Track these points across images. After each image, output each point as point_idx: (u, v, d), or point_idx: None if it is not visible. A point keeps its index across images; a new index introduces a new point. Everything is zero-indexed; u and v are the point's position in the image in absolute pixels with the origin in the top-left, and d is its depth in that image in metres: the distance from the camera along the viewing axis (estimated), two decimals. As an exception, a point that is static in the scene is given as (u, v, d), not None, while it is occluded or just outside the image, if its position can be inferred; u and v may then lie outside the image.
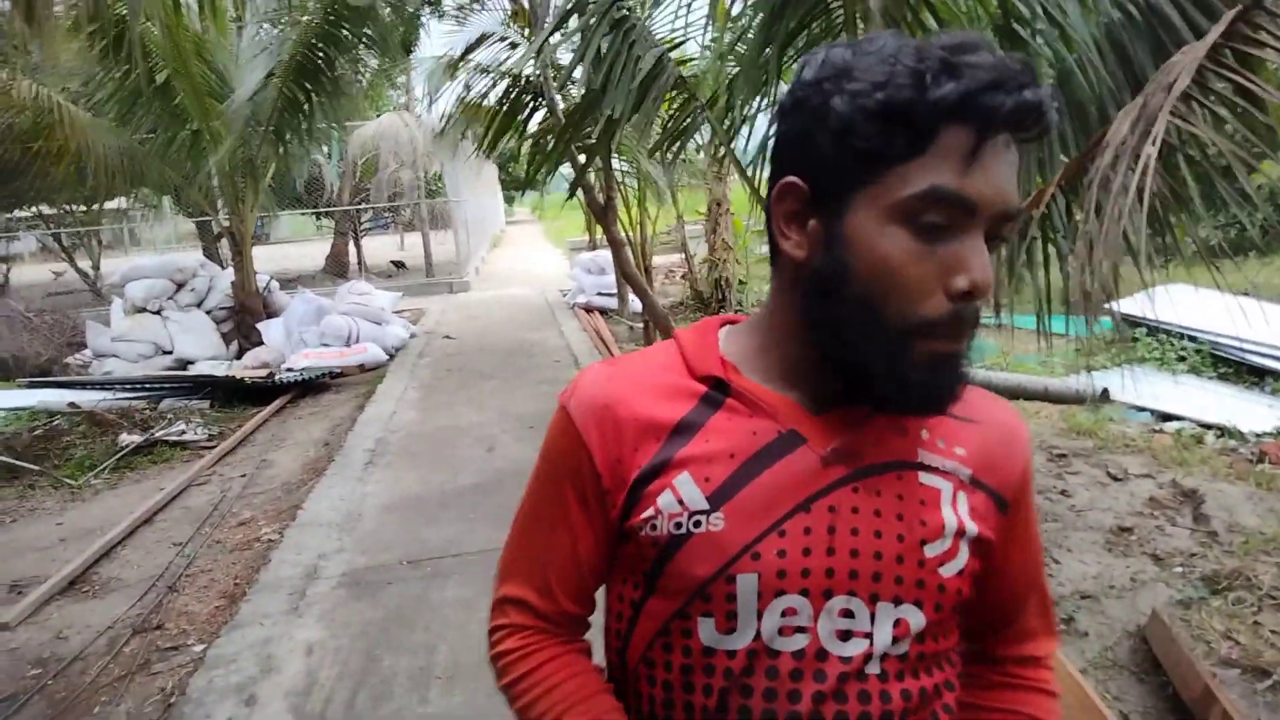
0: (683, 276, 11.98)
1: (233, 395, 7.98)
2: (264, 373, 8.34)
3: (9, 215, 17.70)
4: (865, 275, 0.74)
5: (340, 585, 3.91)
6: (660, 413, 0.84)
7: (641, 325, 9.96)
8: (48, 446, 6.47)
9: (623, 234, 7.37)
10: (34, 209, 17.70)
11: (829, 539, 0.80)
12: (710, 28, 4.33)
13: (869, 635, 0.80)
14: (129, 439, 6.54)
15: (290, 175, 12.67)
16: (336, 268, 18.73)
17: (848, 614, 0.80)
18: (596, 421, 0.85)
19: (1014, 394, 6.04)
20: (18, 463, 6.05)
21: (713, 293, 10.89)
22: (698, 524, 0.80)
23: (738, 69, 4.27)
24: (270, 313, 10.26)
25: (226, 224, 10.34)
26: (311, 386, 8.35)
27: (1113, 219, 2.42)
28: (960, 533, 0.83)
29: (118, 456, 6.24)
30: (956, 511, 0.83)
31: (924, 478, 0.83)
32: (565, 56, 4.37)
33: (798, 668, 0.79)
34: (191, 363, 9.51)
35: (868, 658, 0.80)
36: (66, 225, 17.30)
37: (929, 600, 0.81)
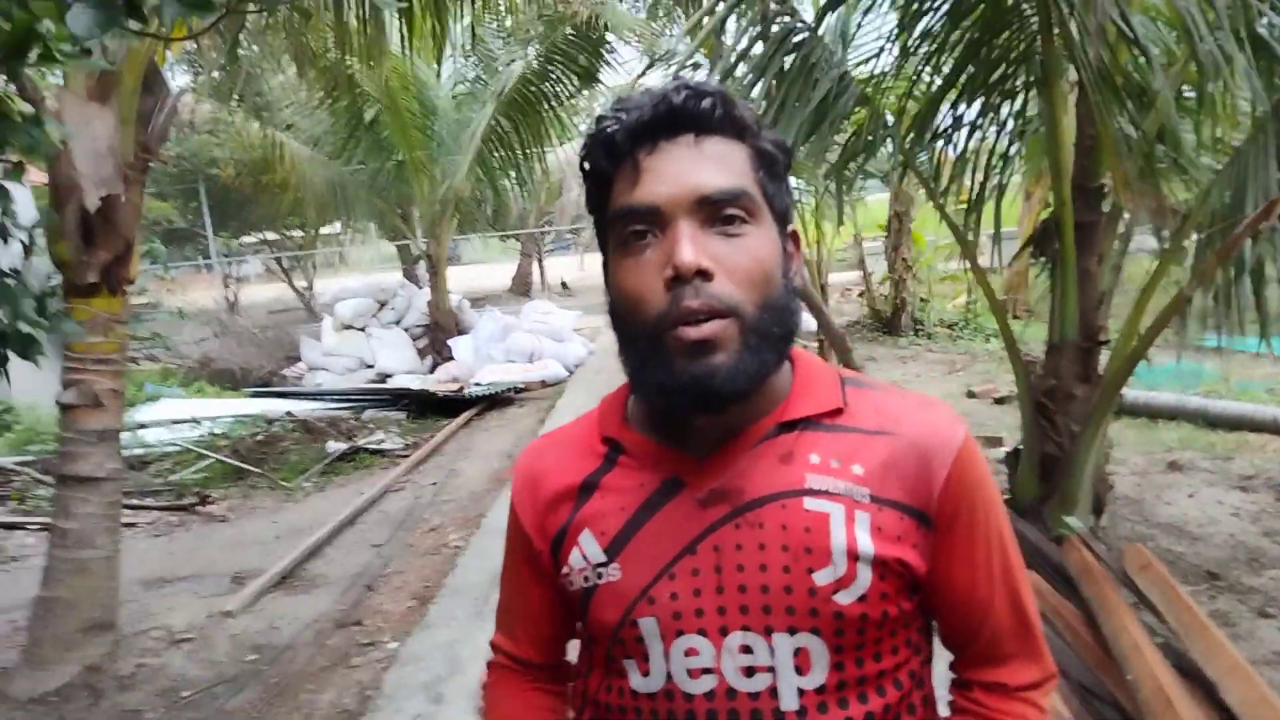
0: (860, 294, 11.70)
1: (426, 407, 8.49)
2: (454, 387, 8.82)
3: (239, 241, 19.68)
4: (618, 301, 0.83)
5: (521, 593, 4.06)
6: (570, 478, 0.91)
7: (816, 344, 9.79)
8: (267, 451, 7.12)
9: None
10: (259, 235, 19.60)
11: (717, 578, 0.81)
12: (893, 46, 4.23)
13: (772, 669, 0.80)
14: (335, 446, 7.09)
15: (482, 201, 13.40)
16: (521, 287, 19.59)
17: (747, 649, 0.81)
18: (525, 494, 0.95)
19: (1236, 424, 5.50)
20: (242, 465, 6.69)
21: (893, 312, 10.57)
22: (600, 575, 0.86)
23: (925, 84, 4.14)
24: (461, 330, 10.87)
25: (424, 247, 11.04)
26: (497, 400, 8.76)
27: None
28: (854, 556, 0.79)
29: (326, 462, 6.77)
30: (850, 534, 0.80)
31: (809, 504, 0.81)
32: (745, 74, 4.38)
33: (711, 708, 0.81)
34: (390, 376, 10.20)
35: (774, 691, 0.80)
36: (286, 249, 19.03)
37: (826, 628, 0.80)
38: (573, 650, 1.02)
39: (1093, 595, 3.20)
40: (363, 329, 10.90)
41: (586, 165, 0.85)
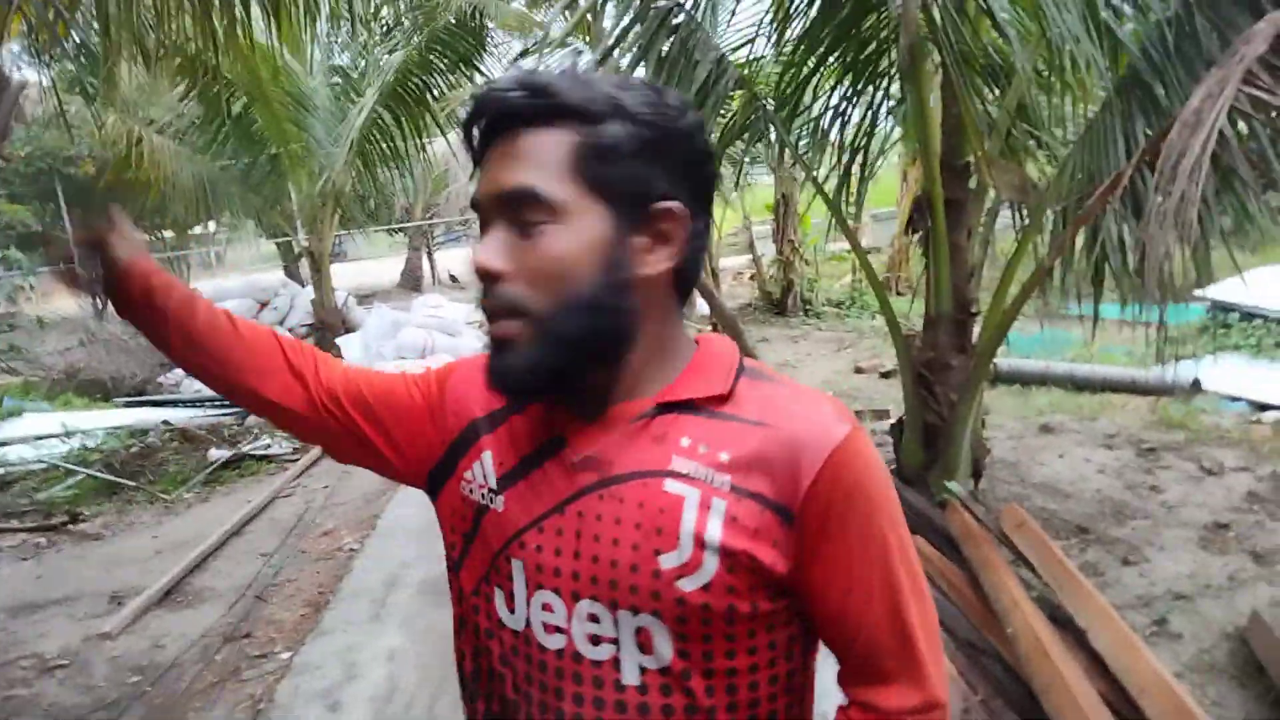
0: (751, 278, 11.91)
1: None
2: (344, 386, 8.56)
3: (104, 243, 18.59)
4: None
5: (420, 593, 3.98)
6: (489, 400, 0.93)
7: (710, 328, 9.93)
8: (143, 463, 6.75)
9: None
10: (127, 236, 18.55)
11: (576, 543, 0.83)
12: (769, 29, 4.30)
13: (616, 641, 0.81)
14: (218, 454, 6.79)
15: (365, 194, 13.02)
16: (411, 282, 19.17)
17: (594, 619, 0.82)
18: (467, 372, 0.98)
19: (1100, 387, 5.85)
20: (117, 479, 6.33)
21: (782, 293, 10.79)
22: (491, 500, 0.89)
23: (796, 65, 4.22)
24: (349, 328, 10.56)
25: (306, 244, 10.67)
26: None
27: (1186, 196, 2.32)
28: (701, 543, 0.78)
29: (208, 471, 6.48)
30: (701, 520, 0.79)
31: (669, 485, 0.80)
32: (625, 60, 4.38)
33: (559, 666, 0.84)
34: (275, 379, 9.83)
35: (617, 663, 0.81)
36: (156, 250, 18.09)
37: (668, 613, 0.79)
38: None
39: (974, 555, 3.36)
40: (244, 331, 10.47)
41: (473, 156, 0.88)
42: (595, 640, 0.82)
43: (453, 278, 19.03)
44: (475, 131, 0.84)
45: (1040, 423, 5.38)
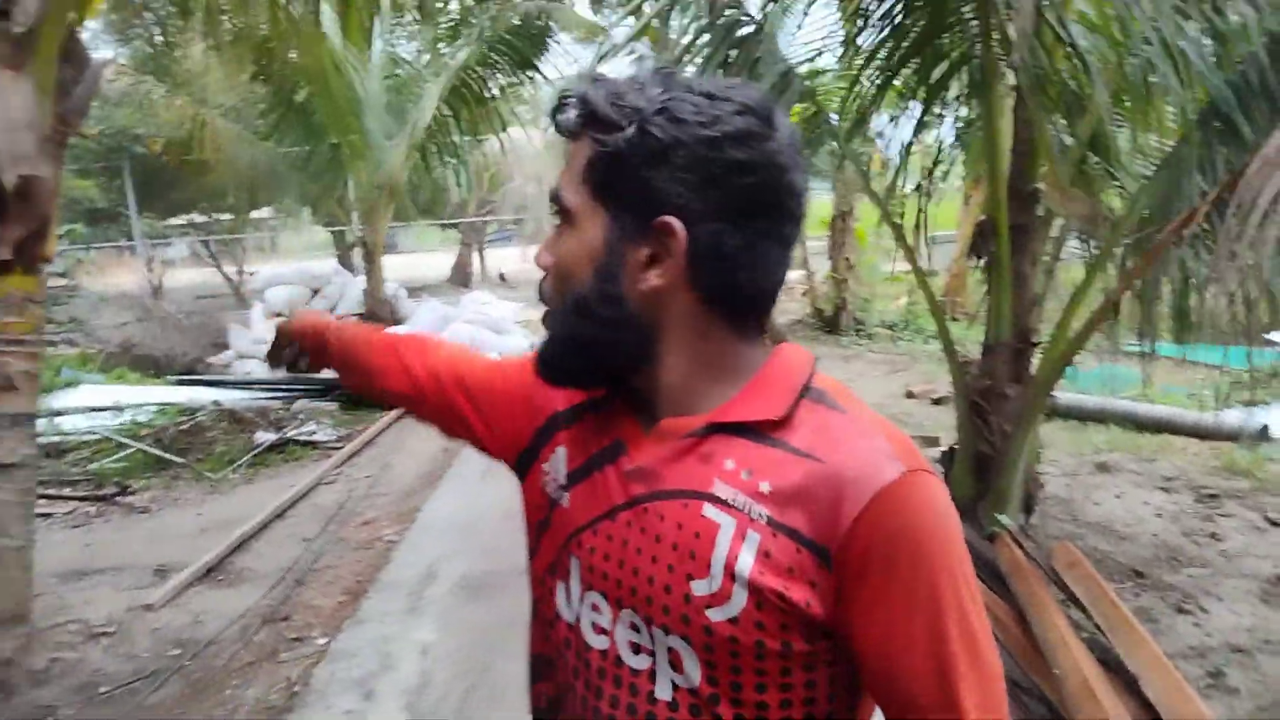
0: (803, 293, 11.83)
1: (360, 399, 8.30)
2: (390, 378, 8.64)
3: (165, 223, 19.03)
4: None
5: (456, 588, 3.99)
6: (574, 395, 0.96)
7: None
8: (192, 441, 6.87)
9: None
10: (186, 217, 18.99)
11: (621, 551, 0.83)
12: (837, 43, 4.26)
13: (653, 654, 0.81)
14: (265, 437, 6.89)
15: (419, 188, 13.16)
16: (461, 278, 19.35)
17: (635, 628, 0.82)
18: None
19: (1160, 427, 5.69)
20: (165, 455, 6.45)
21: (835, 311, 10.69)
22: (560, 495, 0.91)
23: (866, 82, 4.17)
24: (397, 320, 10.67)
25: (360, 234, 10.81)
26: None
27: (1265, 234, 2.24)
28: (731, 575, 0.75)
29: (254, 453, 6.58)
30: (733, 551, 0.75)
31: (707, 510, 0.78)
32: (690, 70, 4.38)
33: (602, 666, 0.84)
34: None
35: (653, 675, 0.81)
36: (214, 233, 18.47)
37: (696, 640, 0.77)
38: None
39: (1022, 591, 3.27)
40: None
41: None
42: (636, 649, 0.82)
43: (501, 276, 19.16)
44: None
45: (1096, 460, 5.25)
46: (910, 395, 7.23)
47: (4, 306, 3.33)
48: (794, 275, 12.90)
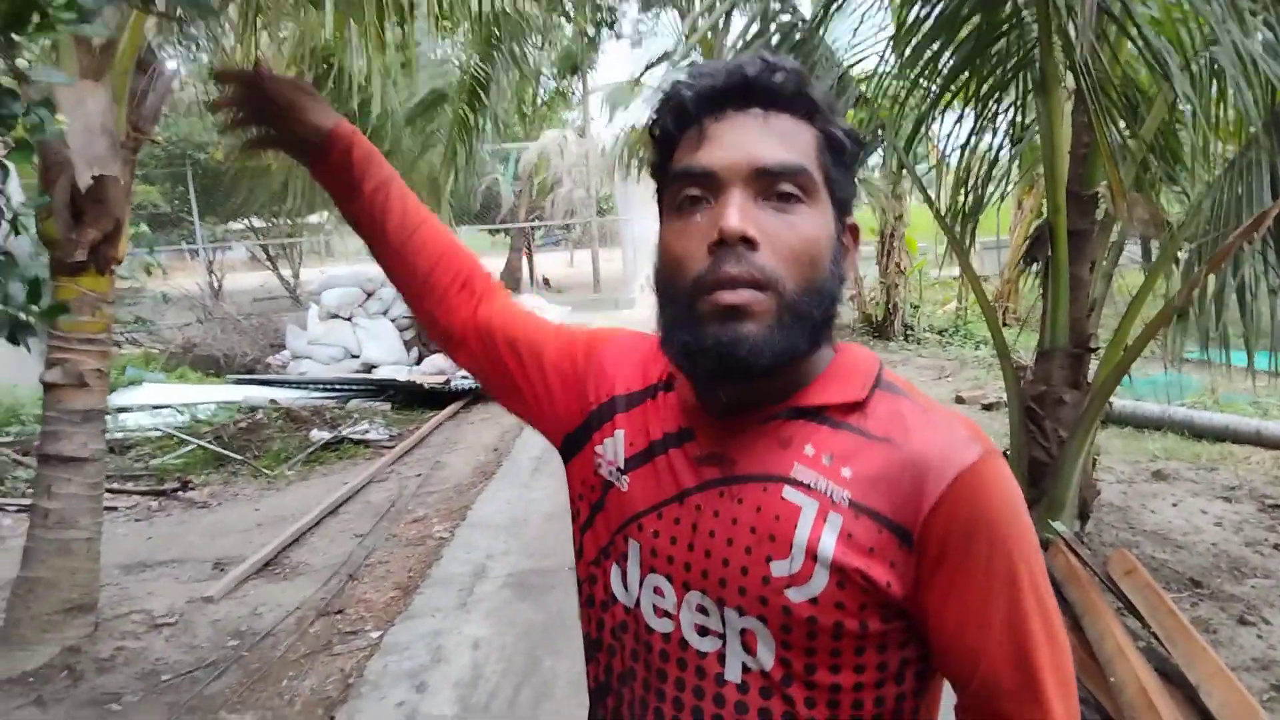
0: (852, 298, 11.74)
1: (412, 399, 8.45)
2: (441, 379, 8.78)
3: (225, 227, 19.51)
4: (661, 262, 0.84)
5: (506, 585, 4.04)
6: (636, 376, 0.96)
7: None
8: (250, 438, 7.05)
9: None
10: (245, 221, 19.45)
11: (692, 535, 0.83)
12: (891, 47, 4.23)
13: (722, 636, 0.81)
14: (319, 435, 7.04)
15: (469, 191, 13.31)
16: (510, 282, 19.52)
17: (703, 610, 0.82)
18: (623, 345, 1.01)
19: (1220, 436, 5.55)
20: (224, 451, 6.63)
21: (884, 316, 10.59)
22: (617, 478, 0.90)
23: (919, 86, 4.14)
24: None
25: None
26: (483, 394, 8.70)
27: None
28: (813, 555, 0.76)
29: (309, 451, 6.72)
30: (815, 533, 0.77)
31: (787, 493, 0.79)
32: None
33: (665, 649, 0.84)
34: (376, 367, 10.13)
35: (721, 658, 0.81)
36: (272, 237, 18.87)
37: (773, 620, 0.78)
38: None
39: (1077, 599, 3.22)
40: (349, 318, 10.83)
41: (655, 129, 0.86)
42: (703, 631, 0.82)
43: (545, 281, 19.32)
44: (688, 101, 0.82)
45: (1154, 468, 5.13)
46: (960, 400, 7.13)
47: (78, 306, 3.47)
48: (843, 280, 12.85)
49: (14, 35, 1.92)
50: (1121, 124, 3.80)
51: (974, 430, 0.80)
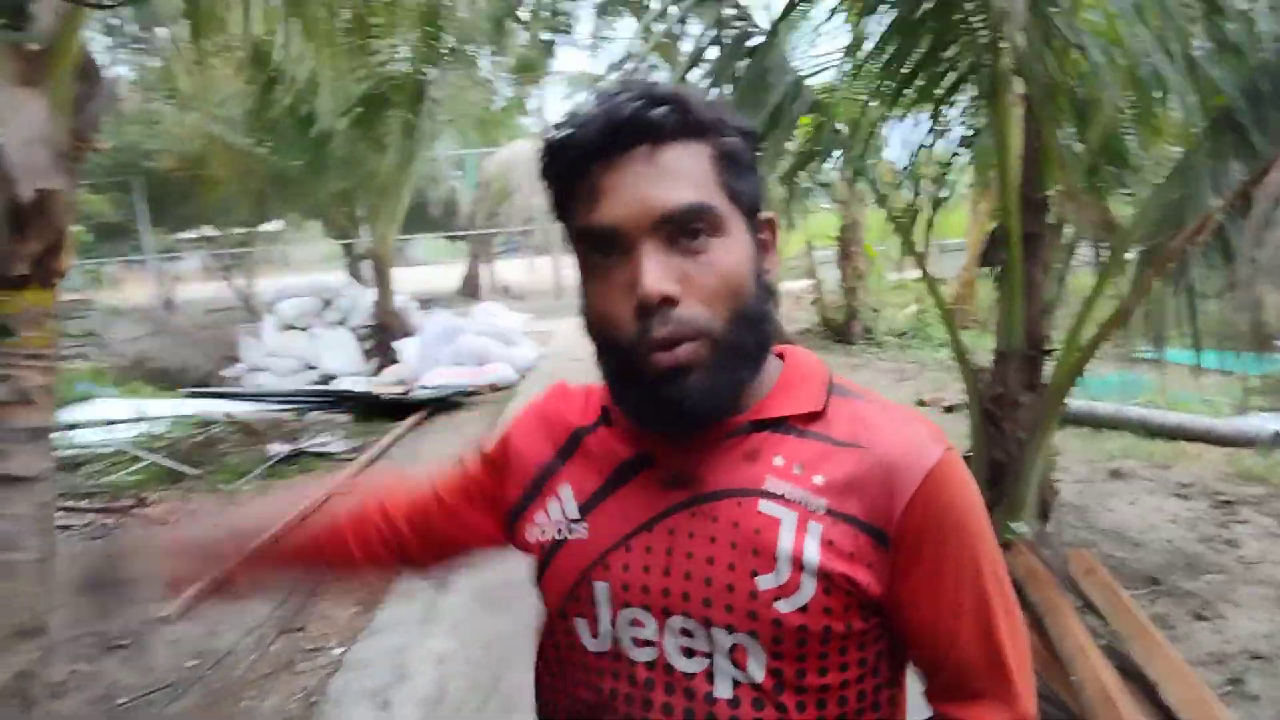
0: (812, 302, 11.84)
1: (372, 410, 8.34)
2: (401, 390, 8.69)
3: (176, 237, 19.15)
4: (591, 319, 0.83)
5: (471, 599, 4.00)
6: (566, 422, 0.95)
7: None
8: (206, 453, 6.92)
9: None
10: (198, 231, 19.11)
11: (667, 560, 0.82)
12: (845, 55, 4.27)
13: (709, 655, 0.81)
14: (278, 449, 6.92)
15: (426, 200, 13.19)
16: (470, 289, 19.40)
17: (687, 633, 0.81)
18: (530, 422, 0.99)
19: (1172, 435, 5.67)
20: (180, 467, 6.48)
21: (844, 320, 10.69)
22: (570, 531, 0.88)
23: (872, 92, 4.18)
24: (407, 332, 10.70)
25: (369, 246, 10.85)
26: (445, 404, 8.63)
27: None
28: (799, 565, 0.78)
29: (267, 465, 6.60)
30: (799, 543, 0.78)
31: (763, 506, 0.80)
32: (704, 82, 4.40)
33: (650, 677, 0.83)
34: (334, 378, 10.00)
35: (710, 676, 0.80)
36: (224, 247, 18.56)
37: (764, 633, 0.79)
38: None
39: (1039, 599, 3.26)
40: (306, 329, 10.68)
41: (544, 178, 0.84)
42: (689, 653, 0.82)
43: (505, 289, 19.24)
44: (570, 153, 0.79)
45: (1110, 468, 5.22)
46: (921, 403, 7.21)
47: (21, 321, 3.37)
48: (802, 285, 12.93)
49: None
50: (1071, 128, 3.88)
51: (932, 428, 0.84)
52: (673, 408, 0.78)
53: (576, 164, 0.79)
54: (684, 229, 0.77)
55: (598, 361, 0.85)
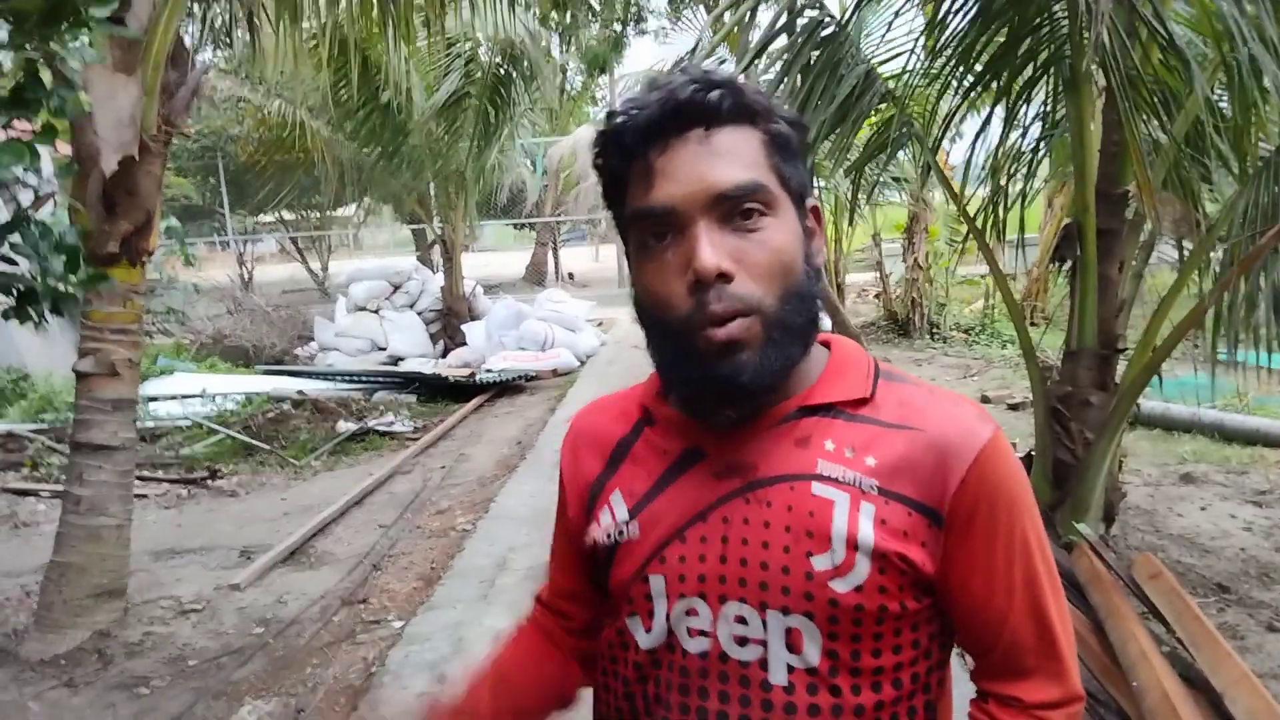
0: (876, 296, 11.67)
1: (437, 391, 8.51)
2: (466, 372, 8.83)
3: (256, 219, 19.74)
4: (644, 301, 0.84)
5: (528, 578, 4.07)
6: (605, 440, 0.96)
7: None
8: (277, 429, 7.15)
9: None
10: (276, 214, 19.67)
11: (722, 547, 0.83)
12: (920, 43, 4.19)
13: (763, 642, 0.82)
14: (345, 426, 7.12)
15: (495, 187, 13.35)
16: (535, 276, 19.60)
17: (742, 620, 0.82)
18: (568, 451, 1.00)
19: (1249, 439, 5.47)
20: (252, 441, 6.72)
21: (908, 314, 10.52)
22: (623, 533, 0.89)
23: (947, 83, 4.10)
24: (474, 316, 10.88)
25: (439, 232, 11.04)
26: (508, 387, 8.77)
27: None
28: (854, 545, 0.79)
29: (335, 442, 6.80)
30: (852, 522, 0.79)
31: (816, 489, 0.81)
32: (772, 72, 4.38)
33: (704, 667, 0.84)
34: (402, 359, 10.22)
35: (764, 663, 0.81)
36: (301, 229, 19.08)
37: (820, 614, 0.80)
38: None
39: (1101, 602, 3.19)
40: (376, 311, 10.93)
41: (599, 162, 0.86)
42: (742, 641, 0.83)
43: (570, 276, 19.37)
44: (627, 137, 0.81)
45: (1182, 471, 5.06)
46: (985, 400, 7.07)
47: (109, 297, 3.53)
48: (869, 277, 12.76)
49: (48, 32, 1.97)
50: (1154, 121, 3.76)
51: (979, 408, 0.86)
52: (727, 384, 0.79)
53: (633, 147, 0.81)
54: (738, 208, 0.79)
55: (649, 345, 0.86)
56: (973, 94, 4.14)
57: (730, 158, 0.79)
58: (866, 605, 0.79)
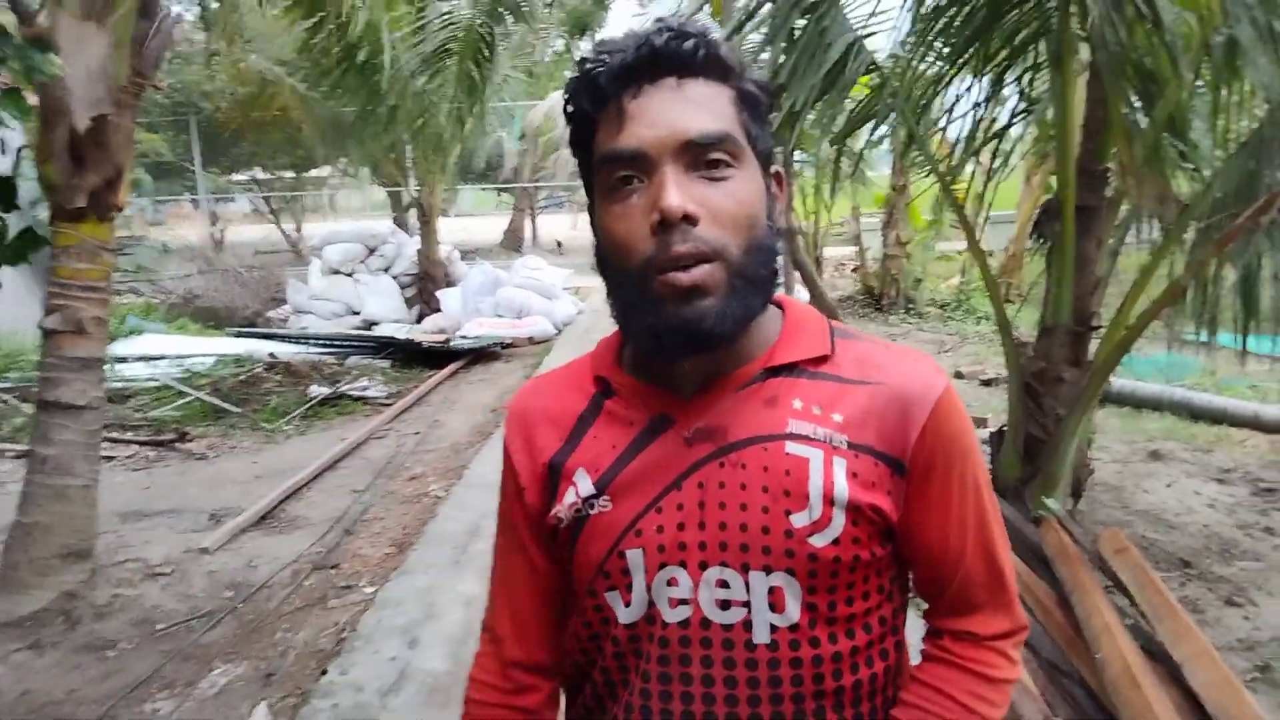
0: (854, 270, 11.70)
1: (411, 357, 8.45)
2: (441, 338, 8.78)
3: (229, 178, 19.40)
4: (606, 246, 0.84)
5: (500, 545, 4.07)
6: (560, 416, 0.93)
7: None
8: (249, 392, 7.07)
9: (797, 222, 7.25)
10: (248, 174, 19.34)
11: (700, 513, 0.84)
12: (906, 14, 4.15)
13: (746, 604, 0.83)
14: (318, 390, 7.05)
15: (473, 151, 13.19)
16: (513, 242, 19.45)
17: (724, 584, 0.83)
18: (516, 430, 0.96)
19: (1218, 418, 5.55)
20: (223, 404, 6.64)
21: (883, 288, 10.55)
22: (592, 506, 0.87)
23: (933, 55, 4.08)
24: (450, 281, 10.79)
25: (416, 195, 10.90)
26: (483, 354, 8.72)
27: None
28: (830, 500, 0.81)
29: (307, 406, 6.74)
30: (828, 479, 0.82)
31: (790, 447, 0.83)
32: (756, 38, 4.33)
33: (685, 635, 0.84)
34: (376, 324, 10.13)
35: (747, 624, 0.83)
36: (275, 190, 18.76)
37: (800, 569, 0.82)
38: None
39: (1067, 576, 3.23)
40: (350, 274, 10.81)
41: (569, 108, 0.85)
42: (725, 605, 0.83)
43: (559, 244, 19.23)
44: (600, 79, 0.81)
45: (1150, 449, 5.14)
46: (959, 375, 7.12)
47: (77, 253, 3.45)
48: (845, 251, 12.78)
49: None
50: (1137, 99, 3.76)
51: (931, 362, 0.90)
52: (690, 330, 0.79)
53: (605, 90, 0.81)
54: (705, 156, 0.79)
55: (609, 294, 0.86)
56: (956, 65, 4.12)
57: (701, 107, 0.80)
58: (843, 557, 0.82)
